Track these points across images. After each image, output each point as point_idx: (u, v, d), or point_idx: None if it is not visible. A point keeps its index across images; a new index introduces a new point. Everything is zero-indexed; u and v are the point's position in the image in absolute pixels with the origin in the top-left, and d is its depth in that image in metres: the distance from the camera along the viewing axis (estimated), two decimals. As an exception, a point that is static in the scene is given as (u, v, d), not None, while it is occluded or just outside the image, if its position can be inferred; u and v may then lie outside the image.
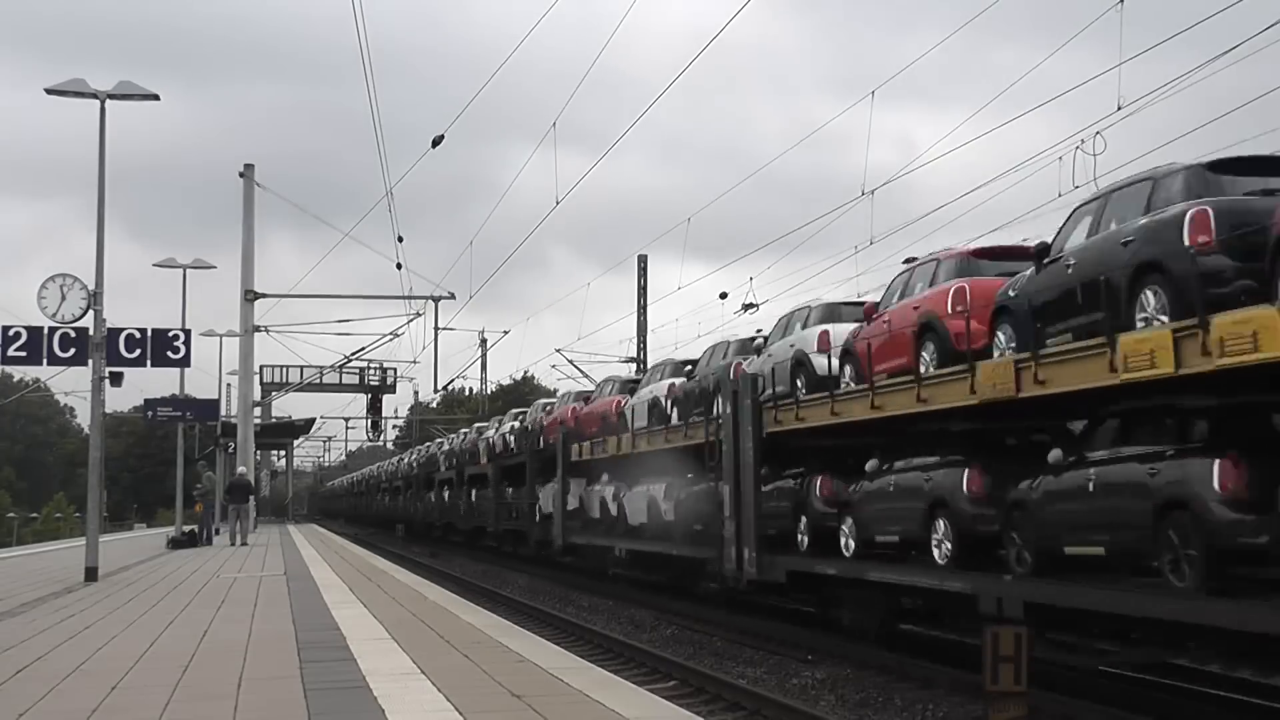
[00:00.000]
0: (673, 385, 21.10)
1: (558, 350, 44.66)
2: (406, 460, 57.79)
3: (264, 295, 36.48)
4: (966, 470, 12.02)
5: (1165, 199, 9.35)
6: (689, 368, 21.37)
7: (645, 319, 42.13)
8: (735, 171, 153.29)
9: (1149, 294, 9.15)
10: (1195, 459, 8.98)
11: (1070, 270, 10.25)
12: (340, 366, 48.85)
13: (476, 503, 39.20)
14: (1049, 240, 10.97)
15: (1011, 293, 11.21)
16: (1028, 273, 11.06)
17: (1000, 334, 11.25)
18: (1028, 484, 11.00)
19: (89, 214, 19.28)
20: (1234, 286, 8.48)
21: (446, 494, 45.92)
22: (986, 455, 12.15)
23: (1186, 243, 8.72)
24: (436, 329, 41.40)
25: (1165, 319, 8.89)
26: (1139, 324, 9.21)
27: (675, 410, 20.61)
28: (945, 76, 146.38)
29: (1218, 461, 8.69)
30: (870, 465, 14.09)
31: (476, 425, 44.11)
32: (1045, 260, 10.71)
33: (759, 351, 18.05)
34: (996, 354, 11.16)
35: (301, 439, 76.95)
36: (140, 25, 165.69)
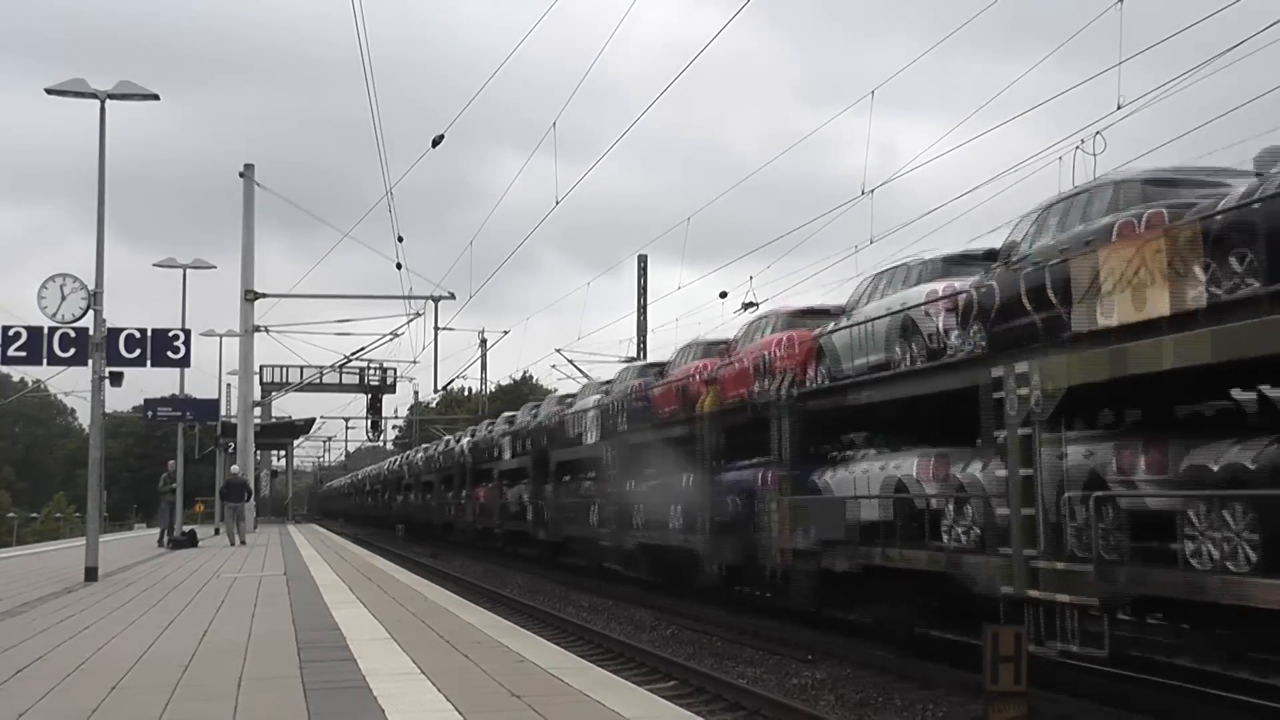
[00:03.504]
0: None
1: (558, 350, 44.70)
2: (415, 457, 55.86)
3: (264, 295, 36.48)
4: None
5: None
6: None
7: (645, 318, 42.18)
8: (713, 177, 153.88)
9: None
10: None
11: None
12: (340, 366, 48.88)
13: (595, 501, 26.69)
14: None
15: None
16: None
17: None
18: None
19: (83, 216, 19.33)
20: None
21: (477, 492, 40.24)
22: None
23: None
24: (436, 329, 41.54)
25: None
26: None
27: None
28: (922, 83, 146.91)
29: None
30: None
31: (506, 415, 40.30)
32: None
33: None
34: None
35: (301, 439, 76.95)
36: (125, 28, 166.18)
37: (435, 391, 56.88)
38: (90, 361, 18.35)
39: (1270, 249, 8.63)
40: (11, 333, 18.10)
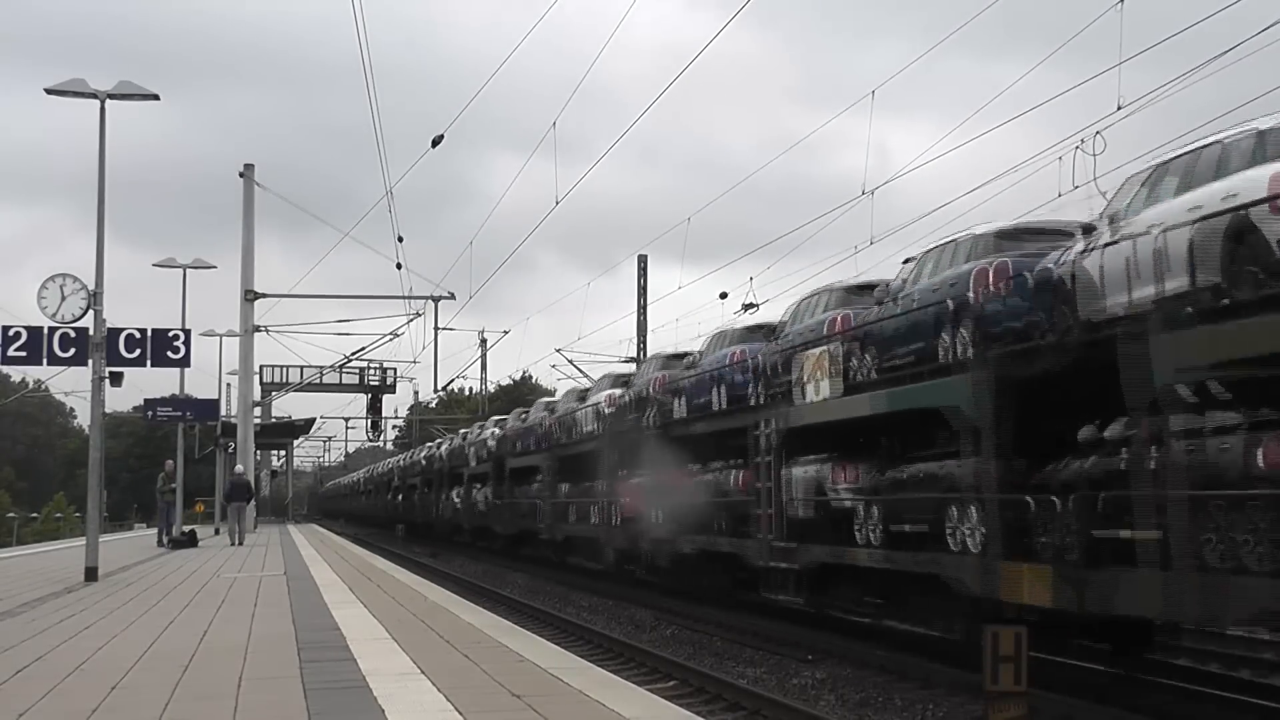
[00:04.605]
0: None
1: (558, 350, 44.69)
2: (422, 455, 53.93)
3: (264, 295, 36.52)
4: None
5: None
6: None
7: (645, 318, 42.19)
8: (708, 178, 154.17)
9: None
10: None
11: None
12: (340, 366, 48.89)
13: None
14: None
15: None
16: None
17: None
18: None
19: (83, 217, 19.36)
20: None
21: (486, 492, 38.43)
22: None
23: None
24: (436, 329, 41.56)
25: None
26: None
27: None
28: (914, 86, 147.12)
29: None
30: None
31: (547, 401, 36.67)
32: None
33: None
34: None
35: (301, 439, 76.98)
36: (125, 29, 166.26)
37: (435, 391, 56.95)
38: (90, 361, 18.36)
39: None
40: (11, 333, 18.10)
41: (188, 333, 19.87)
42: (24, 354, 18.24)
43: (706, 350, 20.99)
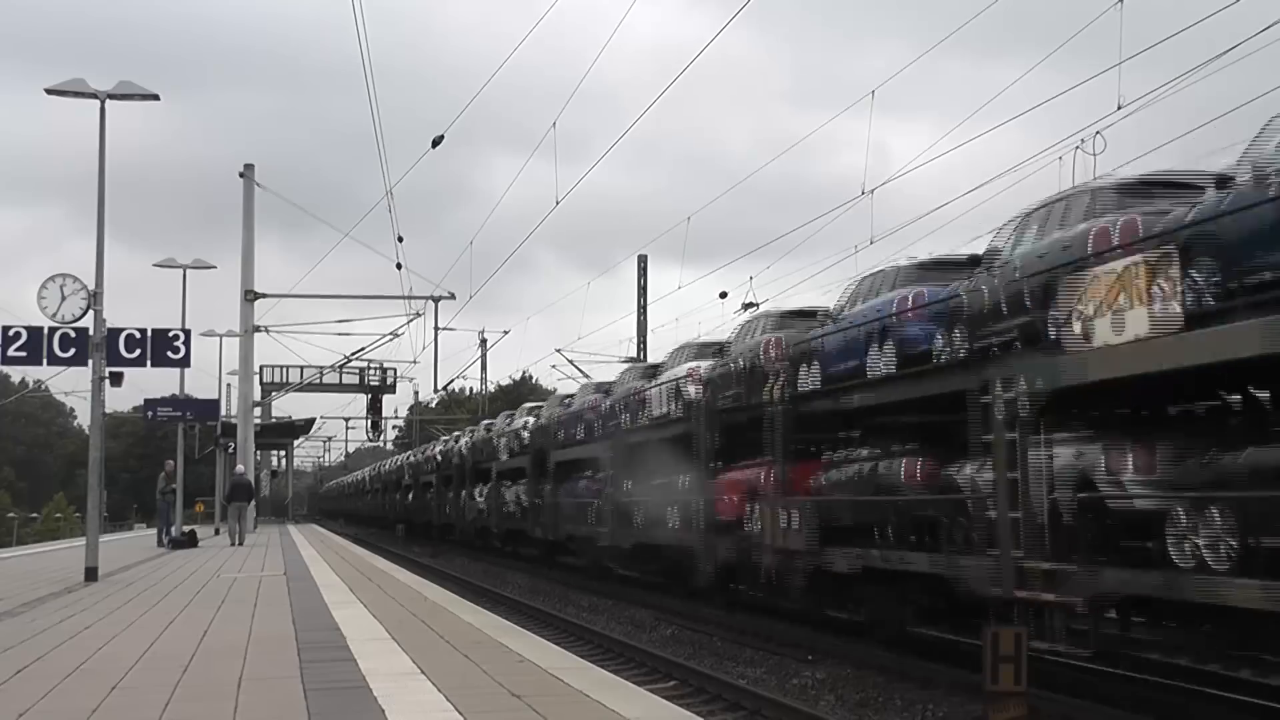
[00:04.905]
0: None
1: (558, 350, 44.64)
2: (437, 450, 49.37)
3: (264, 295, 36.48)
4: None
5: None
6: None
7: (645, 318, 42.21)
8: (705, 178, 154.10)
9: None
10: None
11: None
12: (340, 366, 48.86)
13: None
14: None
15: None
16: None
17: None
18: None
19: (83, 217, 19.33)
20: None
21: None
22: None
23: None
24: (436, 329, 41.49)
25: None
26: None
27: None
28: (910, 86, 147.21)
29: None
30: None
31: (598, 383, 33.07)
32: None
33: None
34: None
35: (301, 439, 76.97)
36: (125, 29, 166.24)
37: (435, 391, 56.94)
38: (90, 361, 18.35)
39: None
40: (11, 333, 18.10)
41: (188, 333, 19.87)
42: (24, 354, 18.24)
43: (846, 303, 16.30)
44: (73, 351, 18.19)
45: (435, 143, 25.26)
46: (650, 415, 23.27)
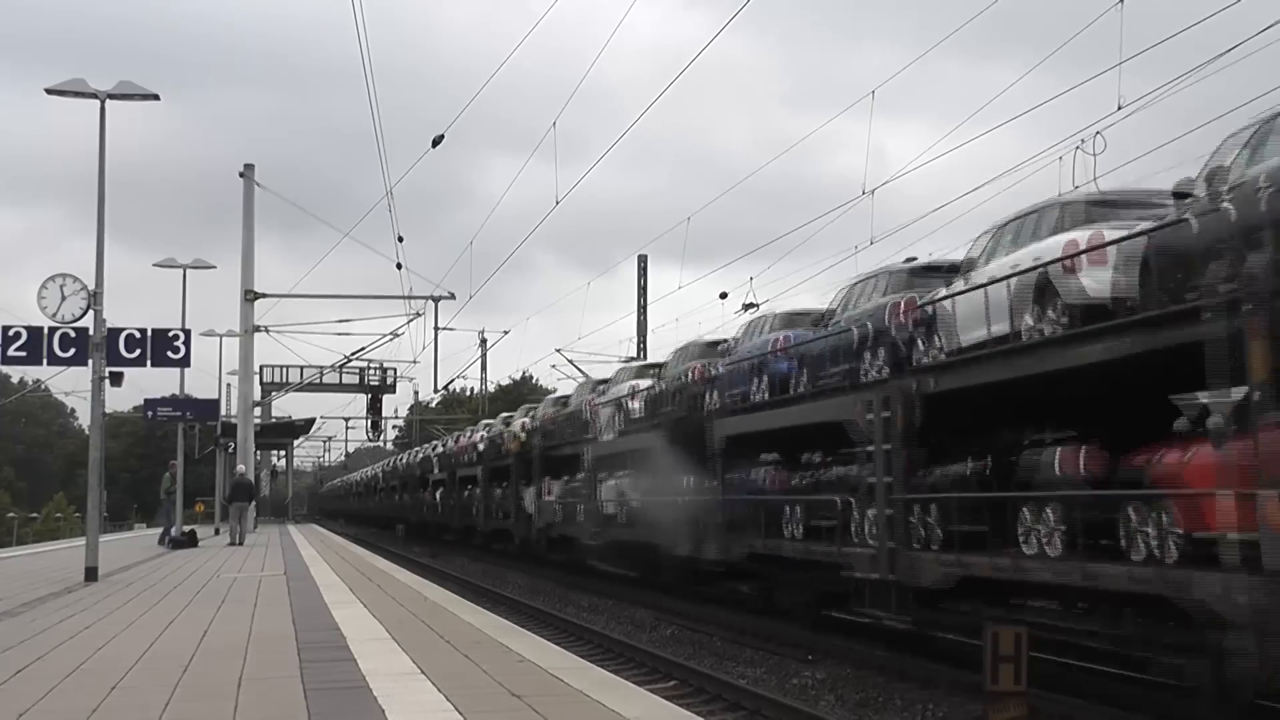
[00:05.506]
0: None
1: (558, 350, 44.64)
2: (476, 438, 41.87)
3: (264, 295, 36.49)
4: None
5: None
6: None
7: (645, 318, 42.22)
8: (703, 178, 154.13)
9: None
10: None
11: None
12: (340, 366, 48.86)
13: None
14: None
15: None
16: None
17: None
18: None
19: (82, 217, 19.31)
20: None
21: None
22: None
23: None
24: (436, 329, 41.44)
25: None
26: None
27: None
28: (906, 88, 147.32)
29: None
30: None
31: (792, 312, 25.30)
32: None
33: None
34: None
35: (301, 439, 76.95)
36: (124, 30, 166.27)
37: (435, 391, 56.92)
38: (90, 361, 18.35)
39: None
40: (11, 333, 18.10)
41: (188, 333, 19.86)
42: (24, 354, 18.23)
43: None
44: (73, 351, 18.18)
45: (435, 142, 25.28)
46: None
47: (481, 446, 40.35)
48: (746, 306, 29.46)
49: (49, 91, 19.54)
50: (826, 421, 15.45)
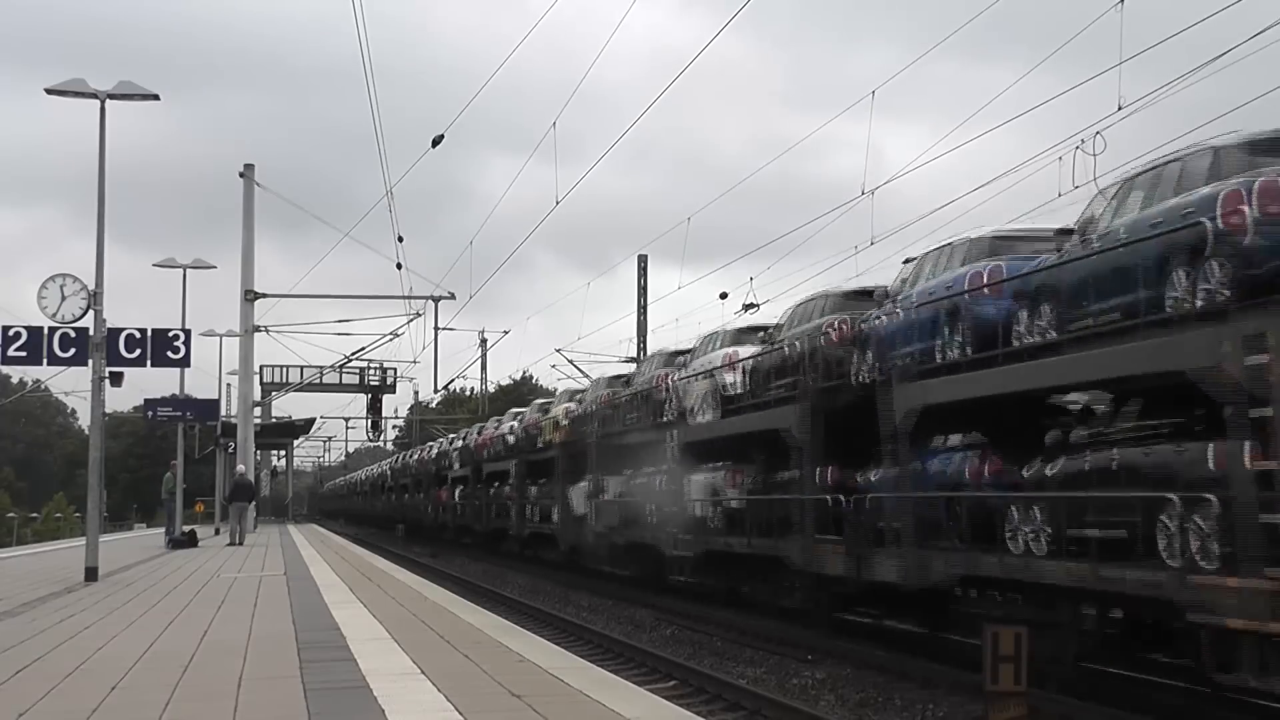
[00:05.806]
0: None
1: (558, 350, 44.61)
2: (506, 428, 38.16)
3: (264, 295, 36.51)
4: None
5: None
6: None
7: (645, 318, 42.22)
8: (701, 179, 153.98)
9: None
10: None
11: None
12: (340, 366, 48.86)
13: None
14: None
15: None
16: None
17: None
18: None
19: (82, 218, 19.32)
20: None
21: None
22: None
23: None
24: (436, 329, 41.38)
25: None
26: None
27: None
28: (903, 88, 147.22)
29: None
30: None
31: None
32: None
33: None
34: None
35: (301, 439, 76.92)
36: (124, 30, 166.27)
37: (435, 391, 56.88)
38: (90, 361, 18.34)
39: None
40: (11, 333, 18.09)
41: (188, 333, 19.85)
42: (24, 354, 18.22)
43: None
44: (73, 351, 18.17)
45: (435, 142, 25.30)
46: None
47: (512, 439, 36.46)
48: (747, 307, 29.46)
49: (49, 91, 19.54)
50: (1120, 377, 10.71)
